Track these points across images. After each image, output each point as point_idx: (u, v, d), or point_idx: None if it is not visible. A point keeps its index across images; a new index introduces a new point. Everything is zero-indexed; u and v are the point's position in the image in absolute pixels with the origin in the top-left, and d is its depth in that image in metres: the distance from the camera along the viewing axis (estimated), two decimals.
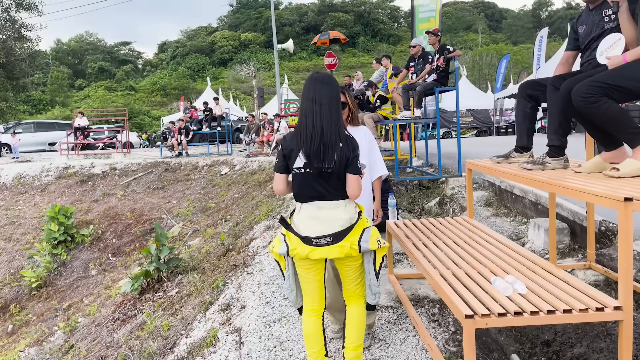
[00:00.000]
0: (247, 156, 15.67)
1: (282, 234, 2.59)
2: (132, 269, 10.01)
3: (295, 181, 2.58)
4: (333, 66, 16.01)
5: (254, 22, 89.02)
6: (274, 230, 5.87)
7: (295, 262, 2.62)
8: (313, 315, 2.66)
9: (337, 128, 2.48)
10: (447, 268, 2.73)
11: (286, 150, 2.55)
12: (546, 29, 23.17)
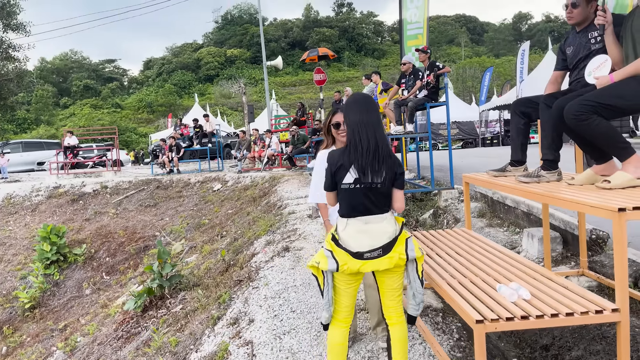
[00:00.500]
0: (238, 172, 15.78)
1: (329, 250, 2.63)
2: (129, 287, 10.02)
3: (342, 197, 2.66)
4: (322, 82, 16.26)
5: (239, 38, 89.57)
6: (275, 245, 6.00)
7: (336, 277, 2.67)
8: (343, 327, 2.75)
9: (387, 145, 2.66)
10: (452, 277, 2.89)
11: (334, 167, 2.64)
12: (528, 43, 23.78)
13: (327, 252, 2.64)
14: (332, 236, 2.67)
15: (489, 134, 31.41)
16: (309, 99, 52.88)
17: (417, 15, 9.85)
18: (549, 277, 2.77)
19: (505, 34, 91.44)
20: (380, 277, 2.72)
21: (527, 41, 24.16)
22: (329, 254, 2.62)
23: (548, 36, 53.14)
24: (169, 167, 17.66)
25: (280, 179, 12.51)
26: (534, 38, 71.19)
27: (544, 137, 3.34)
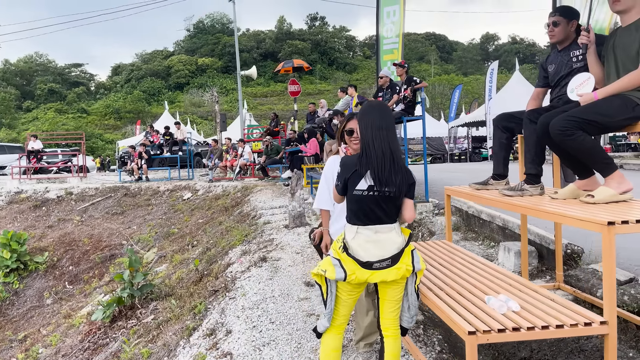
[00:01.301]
0: (209, 181, 15.58)
1: (336, 258, 2.59)
2: (94, 296, 9.70)
3: (354, 203, 2.63)
4: (297, 93, 16.28)
5: (211, 47, 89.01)
6: (251, 255, 5.91)
7: (340, 287, 2.62)
8: (338, 333, 2.73)
9: (401, 155, 2.67)
10: (439, 289, 2.89)
11: (348, 173, 2.61)
12: (496, 62, 24.44)
13: (335, 261, 2.58)
14: (342, 245, 2.61)
15: (457, 150, 31.99)
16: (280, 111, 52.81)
17: (393, 30, 9.98)
18: (534, 290, 2.80)
19: (473, 53, 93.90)
20: (383, 288, 2.70)
21: (496, 61, 24.83)
22: (337, 263, 2.57)
23: (515, 57, 54.81)
24: (138, 174, 17.30)
25: (253, 189, 12.40)
26: (500, 58, 73.27)
27: (527, 151, 3.40)
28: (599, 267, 4.29)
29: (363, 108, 2.82)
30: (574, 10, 3.50)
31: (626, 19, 2.98)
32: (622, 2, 2.92)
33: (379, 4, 10.09)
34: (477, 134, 32.12)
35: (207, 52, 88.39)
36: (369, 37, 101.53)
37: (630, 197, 2.85)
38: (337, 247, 2.63)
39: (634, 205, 2.75)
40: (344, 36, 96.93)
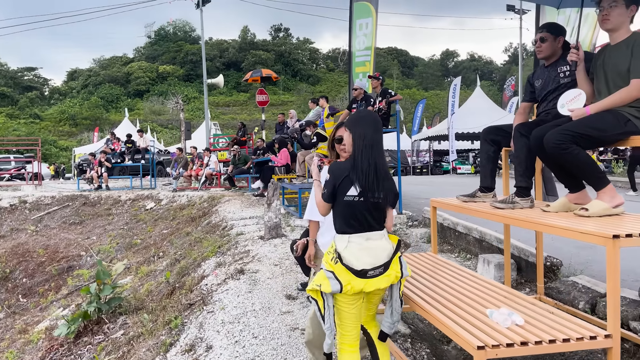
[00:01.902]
0: (173, 190, 15.22)
1: (329, 270, 2.52)
2: (52, 310, 9.23)
3: (345, 209, 2.59)
4: (265, 103, 16.16)
5: (172, 55, 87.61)
6: (226, 267, 5.74)
7: (339, 299, 2.55)
8: (354, 351, 2.64)
9: (386, 166, 2.67)
10: (438, 302, 2.85)
11: (339, 179, 2.58)
12: (459, 78, 25.08)
13: (329, 273, 2.51)
14: (335, 256, 2.53)
15: (419, 163, 32.53)
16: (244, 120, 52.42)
17: (366, 42, 10.06)
18: (532, 302, 2.79)
19: (433, 69, 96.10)
20: (370, 295, 2.67)
21: (459, 77, 25.46)
22: (331, 275, 2.50)
23: (474, 74, 56.37)
24: (98, 182, 16.72)
25: (220, 199, 12.16)
26: (459, 74, 75.39)
27: (518, 164, 3.43)
28: (578, 280, 4.37)
29: (355, 117, 2.79)
30: (560, 27, 3.57)
31: (615, 37, 3.05)
32: (611, 20, 2.99)
33: (351, 16, 10.15)
34: (438, 147, 32.83)
35: (168, 59, 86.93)
36: (333, 50, 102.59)
37: (622, 211, 2.89)
38: (330, 259, 2.57)
39: (626, 218, 2.79)
40: (307, 48, 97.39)
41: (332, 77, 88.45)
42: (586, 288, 4.15)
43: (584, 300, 4.01)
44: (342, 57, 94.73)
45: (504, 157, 4.15)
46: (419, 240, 6.77)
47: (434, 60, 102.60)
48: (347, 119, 2.97)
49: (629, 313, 3.60)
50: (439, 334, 4.49)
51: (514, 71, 60.56)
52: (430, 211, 4.22)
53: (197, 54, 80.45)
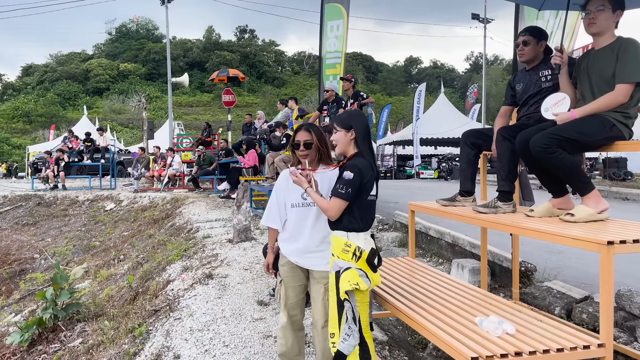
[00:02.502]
0: (135, 191, 14.75)
1: (359, 268, 2.56)
2: (2, 316, 8.71)
3: (367, 209, 2.67)
4: (231, 104, 15.87)
5: (134, 53, 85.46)
6: (194, 272, 5.50)
7: (358, 298, 2.58)
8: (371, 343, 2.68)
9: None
10: (423, 310, 2.74)
11: (365, 177, 2.60)
12: (424, 84, 25.37)
13: (361, 272, 2.55)
14: (357, 253, 2.58)
15: (383, 168, 32.72)
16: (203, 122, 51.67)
17: (337, 44, 9.98)
18: (518, 310, 2.72)
19: (397, 75, 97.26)
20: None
21: (424, 83, 25.78)
22: (363, 273, 2.55)
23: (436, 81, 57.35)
24: (54, 182, 16.03)
25: (184, 201, 11.82)
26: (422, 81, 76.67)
27: (501, 168, 3.37)
28: (552, 285, 4.36)
29: (355, 113, 2.83)
30: (543, 31, 3.55)
31: (600, 42, 3.03)
32: (598, 24, 2.97)
33: (322, 17, 10.06)
34: (402, 152, 33.11)
35: (129, 57, 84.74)
36: (298, 52, 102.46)
37: (607, 217, 2.86)
38: (350, 257, 2.58)
39: (611, 224, 2.76)
40: (273, 50, 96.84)
41: (297, 80, 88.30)
42: (561, 293, 4.15)
43: (560, 306, 4.00)
44: (307, 61, 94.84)
45: (483, 161, 4.10)
46: (390, 244, 6.70)
47: (397, 67, 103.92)
48: (339, 116, 2.86)
49: None
50: (414, 340, 4.41)
51: (475, 79, 62.02)
52: (408, 215, 4.12)
53: (159, 53, 78.86)
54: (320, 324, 2.94)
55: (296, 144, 2.91)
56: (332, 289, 2.66)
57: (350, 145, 2.75)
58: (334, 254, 2.68)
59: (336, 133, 2.78)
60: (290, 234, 2.96)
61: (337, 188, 2.60)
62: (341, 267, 2.61)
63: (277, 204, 3.01)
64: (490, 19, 24.61)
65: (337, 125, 2.79)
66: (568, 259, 5.70)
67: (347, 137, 2.74)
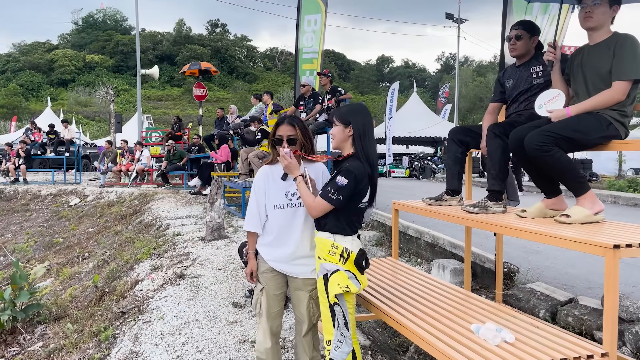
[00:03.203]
0: (101, 186, 14.24)
1: (348, 270, 2.44)
2: None
3: (355, 215, 2.54)
4: (202, 97, 15.50)
5: (101, 44, 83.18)
6: (164, 271, 5.23)
7: (349, 301, 2.49)
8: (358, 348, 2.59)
9: None
10: (414, 315, 2.59)
11: (360, 183, 2.45)
12: (397, 83, 25.40)
13: (350, 274, 2.44)
14: (345, 255, 2.45)
15: None
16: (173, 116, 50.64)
17: (314, 39, 9.79)
18: (513, 315, 2.60)
19: (369, 73, 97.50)
20: None
21: (397, 82, 25.83)
22: (352, 276, 2.44)
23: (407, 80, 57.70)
24: (14, 175, 15.34)
25: (153, 197, 11.42)
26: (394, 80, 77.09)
27: (491, 166, 3.25)
28: (535, 287, 4.29)
29: (356, 108, 2.65)
30: (536, 26, 3.44)
31: (595, 37, 2.93)
32: (594, 19, 2.87)
33: (299, 11, 9.85)
34: None
35: (96, 48, 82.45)
36: (270, 49, 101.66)
37: (603, 218, 2.77)
38: (338, 259, 2.45)
39: (607, 226, 2.66)
40: (245, 45, 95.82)
41: (269, 76, 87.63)
42: (545, 296, 4.07)
43: (544, 309, 3.92)
44: (280, 57, 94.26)
45: (469, 159, 3.98)
46: (367, 243, 6.56)
47: (370, 65, 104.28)
48: (340, 109, 2.67)
49: (592, 322, 3.53)
50: (394, 343, 4.28)
51: (446, 79, 62.74)
52: (392, 214, 3.98)
53: (128, 45, 77.03)
54: (303, 331, 2.75)
55: (278, 139, 2.68)
56: (322, 294, 2.48)
57: (347, 142, 2.58)
58: (320, 256, 2.51)
59: (334, 127, 2.61)
60: (274, 237, 2.72)
61: (328, 191, 2.42)
62: (329, 270, 2.44)
63: (256, 205, 2.77)
64: (464, 19, 24.82)
65: (336, 119, 2.62)
66: (546, 259, 5.67)
67: (344, 133, 2.56)
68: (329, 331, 2.44)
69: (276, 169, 2.75)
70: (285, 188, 2.71)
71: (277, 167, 2.74)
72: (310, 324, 2.77)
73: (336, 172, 2.49)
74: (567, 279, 4.89)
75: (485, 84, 64.39)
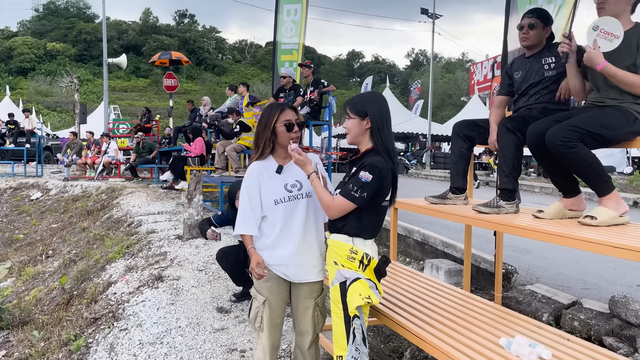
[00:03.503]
0: (64, 179, 13.59)
1: (369, 279, 2.20)
2: None
3: (378, 215, 2.31)
4: (173, 88, 14.97)
5: (63, 32, 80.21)
6: (139, 273, 4.86)
7: (365, 313, 2.24)
8: None
9: None
10: (429, 325, 2.36)
11: (385, 180, 2.20)
12: (371, 77, 25.31)
13: (371, 283, 2.20)
14: (365, 261, 2.20)
15: (326, 161, 32.53)
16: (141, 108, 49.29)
17: (294, 30, 9.46)
18: (538, 326, 2.39)
19: (340, 68, 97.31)
20: None
21: (370, 76, 25.76)
22: (373, 285, 2.21)
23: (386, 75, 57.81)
24: None
25: (122, 191, 10.91)
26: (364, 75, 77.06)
27: (504, 163, 3.04)
28: (536, 289, 4.13)
29: (371, 97, 2.43)
30: (549, 15, 3.24)
31: None
32: (608, 8, 2.67)
33: (278, 0, 9.50)
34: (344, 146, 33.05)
35: (58, 36, 79.48)
36: (240, 41, 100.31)
37: (628, 220, 2.59)
38: (358, 267, 2.20)
39: (632, 228, 2.48)
40: (213, 37, 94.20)
41: (238, 69, 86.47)
42: (547, 298, 3.92)
43: (547, 312, 3.77)
44: (249, 49, 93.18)
45: None
46: None
47: (340, 60, 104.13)
48: (352, 100, 2.38)
49: (600, 327, 3.38)
50: (388, 348, 4.07)
51: (415, 76, 63.20)
52: (391, 212, 3.74)
53: (92, 33, 74.71)
54: (306, 345, 2.49)
55: (289, 125, 2.41)
56: (336, 304, 2.22)
57: (365, 136, 2.31)
58: (337, 262, 2.24)
59: (349, 120, 2.33)
60: (275, 236, 2.44)
61: (350, 189, 2.16)
62: (347, 278, 2.18)
63: (250, 205, 2.46)
64: (438, 14, 24.83)
65: (350, 111, 2.34)
66: (537, 259, 5.56)
67: (361, 126, 2.30)
68: (341, 346, 2.19)
69: (269, 163, 2.49)
70: (283, 180, 2.46)
71: (269, 161, 2.49)
72: (315, 335, 2.52)
73: (357, 168, 2.24)
74: (562, 279, 4.78)
75: (454, 81, 65.26)
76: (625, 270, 5.06)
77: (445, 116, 49.56)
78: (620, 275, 4.90)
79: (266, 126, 2.43)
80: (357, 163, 2.33)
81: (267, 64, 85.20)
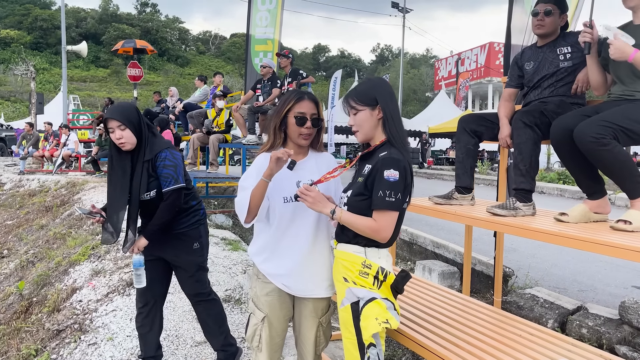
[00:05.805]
0: (20, 173, 12.81)
1: (385, 298, 1.89)
2: None
3: (400, 220, 1.97)
4: (138, 78, 14.30)
5: (18, 19, 76.79)
6: (108, 277, 4.43)
7: (382, 337, 1.94)
8: None
9: None
10: (429, 331, 2.09)
11: (409, 177, 1.91)
12: (340, 71, 24.96)
13: (388, 303, 1.89)
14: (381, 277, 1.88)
15: None
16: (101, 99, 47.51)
17: (269, 19, 9.10)
18: (572, 343, 2.16)
19: (305, 61, 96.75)
20: None
21: (340, 70, 25.40)
22: (391, 305, 1.90)
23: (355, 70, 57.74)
24: None
25: (84, 186, 10.28)
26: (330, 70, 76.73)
27: (520, 161, 2.79)
28: (536, 293, 3.95)
29: (378, 83, 2.02)
30: (565, 2, 3.01)
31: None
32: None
33: None
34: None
35: (12, 23, 76.04)
36: (204, 32, 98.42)
37: None
38: (373, 284, 1.88)
39: None
40: (177, 27, 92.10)
41: (202, 60, 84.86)
42: (549, 303, 3.73)
43: (552, 318, 3.58)
44: (213, 41, 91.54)
45: None
46: None
47: (306, 53, 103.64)
48: (358, 88, 2.05)
49: (612, 335, 3.21)
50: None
51: (380, 71, 63.40)
52: None
53: (48, 21, 71.82)
54: None
55: (300, 118, 2.08)
56: (347, 328, 1.91)
57: (378, 128, 1.98)
58: (348, 278, 1.92)
59: (358, 113, 1.98)
60: (280, 242, 2.11)
61: (383, 197, 1.80)
62: (361, 298, 1.86)
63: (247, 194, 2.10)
64: (409, 9, 24.75)
65: (357, 101, 1.98)
66: (525, 258, 5.41)
67: (373, 117, 1.96)
68: None
69: None
70: (295, 177, 2.11)
71: None
72: (316, 358, 2.22)
73: (372, 166, 1.91)
74: (556, 281, 4.63)
75: (419, 77, 65.88)
76: (615, 270, 4.97)
77: (410, 111, 49.95)
78: (612, 276, 4.80)
79: (278, 113, 2.10)
80: (369, 159, 2.01)
81: (232, 55, 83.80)
